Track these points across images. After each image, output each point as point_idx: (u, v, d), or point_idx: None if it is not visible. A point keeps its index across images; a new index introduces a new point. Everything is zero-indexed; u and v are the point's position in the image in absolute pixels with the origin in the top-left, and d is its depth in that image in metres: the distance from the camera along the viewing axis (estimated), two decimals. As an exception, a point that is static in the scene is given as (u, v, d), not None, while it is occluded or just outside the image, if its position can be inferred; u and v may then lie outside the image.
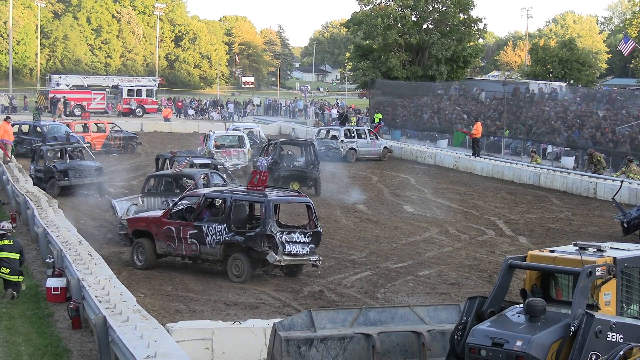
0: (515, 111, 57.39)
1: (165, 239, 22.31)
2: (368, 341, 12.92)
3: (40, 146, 36.89)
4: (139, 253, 22.60)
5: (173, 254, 22.47)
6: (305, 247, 21.43)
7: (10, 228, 19.77)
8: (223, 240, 21.36)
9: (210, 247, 21.57)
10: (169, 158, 31.49)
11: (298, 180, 36.55)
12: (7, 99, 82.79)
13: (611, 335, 10.73)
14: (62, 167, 34.74)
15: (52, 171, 34.50)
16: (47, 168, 34.91)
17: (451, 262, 24.32)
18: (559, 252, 12.00)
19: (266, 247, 20.85)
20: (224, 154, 41.32)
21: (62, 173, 34.36)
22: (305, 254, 21.43)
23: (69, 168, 34.68)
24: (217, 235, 21.43)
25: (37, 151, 36.34)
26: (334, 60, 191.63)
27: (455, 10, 75.97)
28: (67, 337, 15.84)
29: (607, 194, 35.78)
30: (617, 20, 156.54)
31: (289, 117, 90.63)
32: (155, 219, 22.90)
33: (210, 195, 22.53)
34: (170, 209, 22.87)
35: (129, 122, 68.26)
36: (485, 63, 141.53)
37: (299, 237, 21.38)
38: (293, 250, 21.21)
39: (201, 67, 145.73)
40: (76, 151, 36.68)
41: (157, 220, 22.76)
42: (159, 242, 22.42)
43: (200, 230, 21.70)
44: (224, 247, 21.38)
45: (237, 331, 14.30)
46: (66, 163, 35.28)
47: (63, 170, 34.47)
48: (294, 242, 21.27)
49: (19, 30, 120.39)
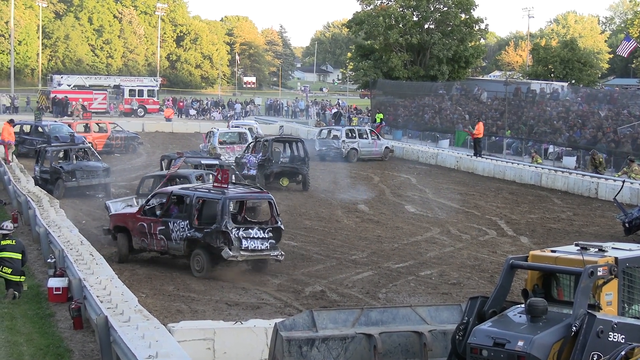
0: (517, 111, 57.39)
1: (139, 234, 23.18)
2: (369, 341, 12.91)
3: (45, 147, 36.25)
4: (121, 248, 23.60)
5: (147, 249, 23.30)
6: (265, 243, 21.86)
7: (12, 228, 19.79)
8: (185, 236, 22.06)
9: (175, 243, 22.33)
10: (175, 159, 30.87)
11: (288, 176, 37.99)
12: (8, 99, 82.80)
13: (613, 336, 10.72)
14: (69, 167, 34.28)
15: (59, 172, 33.94)
16: (54, 169, 34.34)
17: (453, 262, 24.32)
18: (560, 252, 11.99)
19: (221, 243, 21.38)
20: (227, 149, 43.30)
21: (70, 174, 33.84)
22: (264, 249, 21.88)
23: (77, 169, 34.21)
24: (181, 231, 22.16)
25: (42, 152, 35.70)
26: (335, 60, 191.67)
27: (457, 10, 76.03)
28: (68, 337, 15.85)
29: (609, 194, 35.76)
30: (618, 20, 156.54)
31: (290, 117, 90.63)
32: (131, 215, 23.71)
33: (177, 193, 23.17)
34: (143, 206, 23.74)
35: (131, 122, 68.30)
36: (487, 63, 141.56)
37: (258, 232, 21.83)
38: (251, 245, 21.64)
39: (203, 67, 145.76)
40: (81, 152, 36.25)
41: (133, 216, 23.57)
42: (135, 237, 23.30)
43: (167, 226, 22.48)
44: (187, 243, 22.07)
45: (238, 331, 14.31)
46: (73, 164, 34.82)
47: (70, 171, 33.97)
48: (252, 238, 21.70)
49: (21, 31, 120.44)
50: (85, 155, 36.00)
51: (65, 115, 73.09)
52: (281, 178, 37.78)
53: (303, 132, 69.53)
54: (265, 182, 36.26)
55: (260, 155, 37.88)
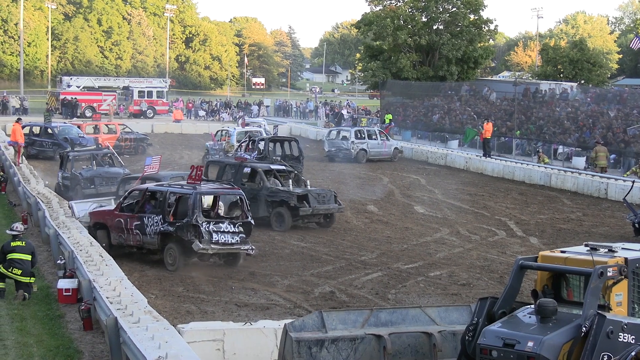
0: (526, 112, 57.34)
1: (116, 230, 23.96)
2: (379, 342, 12.91)
3: (68, 152, 35.38)
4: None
5: (124, 244, 23.94)
6: (235, 237, 22.65)
7: (22, 229, 19.84)
8: (159, 230, 22.83)
9: (150, 237, 23.09)
10: (238, 165, 30.90)
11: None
12: (18, 100, 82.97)
13: (622, 336, 10.71)
14: (88, 174, 33.53)
15: (78, 178, 33.30)
16: (74, 175, 33.66)
17: (462, 262, 24.31)
18: (570, 253, 11.99)
19: (192, 236, 22.12)
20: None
21: (88, 181, 33.20)
22: (234, 243, 22.67)
23: (96, 176, 33.52)
24: (155, 226, 22.95)
25: (65, 157, 34.78)
26: (344, 61, 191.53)
27: (466, 11, 75.90)
28: (78, 339, 15.88)
29: (618, 195, 35.70)
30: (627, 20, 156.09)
31: (299, 118, 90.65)
32: (109, 212, 24.50)
33: (151, 189, 24.00)
34: (120, 203, 24.49)
35: (140, 124, 68.40)
36: (496, 63, 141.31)
37: (228, 227, 22.62)
38: (221, 239, 22.40)
39: (212, 69, 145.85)
40: (105, 157, 35.34)
41: (111, 213, 24.35)
42: (113, 233, 24.07)
43: (142, 221, 23.27)
44: (160, 237, 22.82)
45: (248, 332, 14.31)
46: (93, 170, 33.99)
47: (89, 178, 33.31)
48: (222, 232, 22.47)
49: (30, 32, 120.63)
50: (110, 161, 35.11)
51: (74, 116, 73.23)
52: None
53: (312, 133, 69.57)
54: None
55: (255, 153, 38.67)
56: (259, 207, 28.82)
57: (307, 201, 28.71)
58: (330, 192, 29.93)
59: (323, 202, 29.14)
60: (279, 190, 29.14)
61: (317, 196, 29.12)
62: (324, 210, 29.19)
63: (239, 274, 22.24)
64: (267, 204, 29.02)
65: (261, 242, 25.85)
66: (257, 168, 30.35)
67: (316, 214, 29.03)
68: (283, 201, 28.79)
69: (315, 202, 28.89)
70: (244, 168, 30.64)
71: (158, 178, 27.99)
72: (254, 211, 27.66)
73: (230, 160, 32.35)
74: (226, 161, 32.15)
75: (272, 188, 29.32)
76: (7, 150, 43.24)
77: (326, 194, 29.65)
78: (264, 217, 28.83)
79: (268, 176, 29.93)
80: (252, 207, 27.66)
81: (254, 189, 29.39)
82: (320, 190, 30.03)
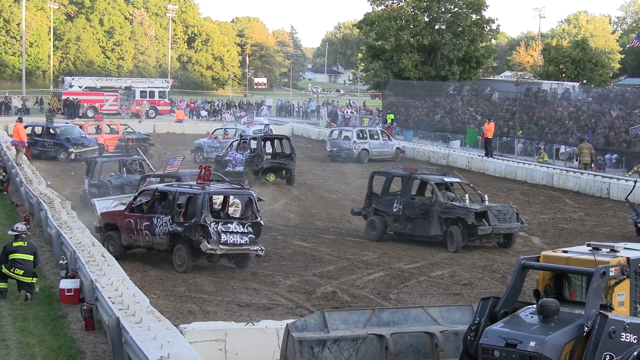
0: (528, 111, 57.34)
1: (126, 231, 23.70)
2: (381, 342, 12.92)
3: (96, 158, 33.20)
4: (109, 245, 23.74)
5: (134, 245, 23.76)
6: (244, 237, 22.37)
7: (24, 229, 19.83)
8: (168, 230, 22.60)
9: (159, 238, 22.85)
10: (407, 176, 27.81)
11: (275, 171, 39.65)
12: (20, 100, 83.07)
13: (625, 336, 10.71)
14: (117, 182, 31.32)
15: (107, 186, 31.05)
16: (102, 183, 31.40)
17: (464, 262, 24.30)
18: (572, 253, 11.99)
19: (200, 237, 21.89)
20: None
21: (118, 189, 30.75)
22: (243, 244, 22.40)
23: (126, 184, 31.07)
24: (164, 226, 22.70)
25: (92, 163, 32.41)
26: (346, 61, 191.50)
27: (468, 11, 75.90)
28: (80, 339, 15.88)
29: (621, 194, 35.69)
30: (630, 20, 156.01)
31: (301, 118, 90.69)
32: (119, 213, 24.30)
33: (161, 189, 23.71)
34: (131, 203, 24.20)
35: (142, 124, 68.40)
36: (498, 63, 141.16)
37: (237, 227, 22.35)
38: (230, 239, 22.15)
39: (214, 69, 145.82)
40: (135, 164, 33.19)
41: (121, 214, 24.13)
42: (123, 234, 23.81)
43: (152, 221, 23.01)
44: (169, 238, 22.60)
45: (250, 332, 14.31)
46: (123, 177, 31.90)
47: (119, 186, 30.93)
48: (231, 232, 22.21)
49: (32, 32, 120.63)
50: (140, 168, 32.77)
51: (76, 117, 73.28)
52: (268, 173, 39.41)
53: (314, 133, 69.56)
54: (254, 177, 38.16)
55: (247, 152, 39.22)
56: (430, 225, 26.28)
57: (487, 219, 25.56)
58: (512, 209, 26.60)
59: (504, 220, 25.91)
60: (454, 206, 25.98)
61: (498, 213, 25.94)
62: (505, 230, 25.96)
63: (241, 274, 22.24)
64: (440, 222, 26.04)
65: (263, 242, 25.73)
66: (429, 180, 27.56)
67: (496, 233, 25.89)
68: (459, 218, 25.64)
69: (496, 220, 25.65)
70: (413, 180, 27.71)
71: (178, 176, 27.62)
72: (425, 229, 26.46)
73: (398, 170, 29.22)
74: (393, 172, 29.02)
75: (446, 203, 26.21)
76: (9, 150, 43.25)
77: (507, 210, 26.38)
78: (435, 236, 26.35)
79: (440, 189, 26.97)
80: (422, 224, 26.40)
81: (425, 204, 26.75)
82: (501, 207, 26.75)
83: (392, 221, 27.35)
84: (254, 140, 40.46)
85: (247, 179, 36.67)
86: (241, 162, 38.78)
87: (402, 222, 27.09)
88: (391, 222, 27.43)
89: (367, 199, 28.41)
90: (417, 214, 26.68)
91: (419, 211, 26.38)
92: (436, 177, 28.14)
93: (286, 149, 40.50)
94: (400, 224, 27.18)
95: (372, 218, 27.89)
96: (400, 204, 27.14)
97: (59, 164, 45.62)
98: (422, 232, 26.47)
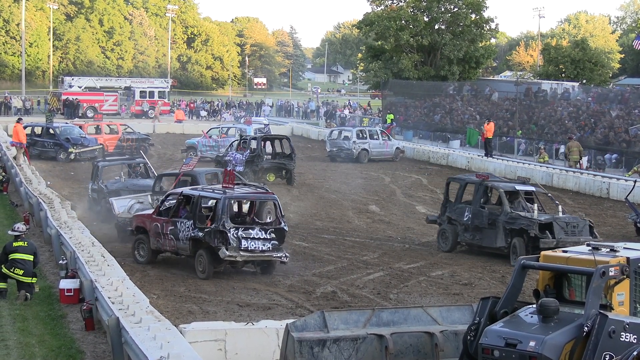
0: (528, 111, 57.34)
1: (154, 235, 23.06)
2: (381, 342, 12.91)
3: (98, 162, 31.87)
4: (139, 249, 23.45)
5: (161, 249, 23.15)
6: (267, 244, 21.60)
7: (24, 230, 19.84)
8: (190, 236, 21.93)
9: (182, 243, 22.20)
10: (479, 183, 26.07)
11: (275, 171, 39.82)
12: (20, 100, 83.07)
13: (625, 336, 10.71)
14: (114, 187, 29.91)
15: (103, 192, 29.61)
16: (100, 188, 29.97)
17: (464, 262, 24.30)
18: (572, 253, 11.99)
19: (219, 243, 21.21)
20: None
21: (113, 193, 29.15)
22: (266, 250, 21.63)
23: (122, 188, 29.74)
24: (187, 231, 22.03)
25: (95, 168, 31.18)
26: (345, 61, 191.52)
27: (467, 11, 75.89)
28: (80, 339, 15.88)
29: (620, 194, 35.69)
30: (629, 20, 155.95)
31: (301, 118, 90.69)
32: (148, 216, 23.70)
33: (185, 193, 23.05)
34: (159, 207, 23.66)
35: (141, 124, 68.39)
36: (498, 63, 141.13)
37: (259, 233, 21.58)
38: (251, 246, 21.39)
39: (213, 69, 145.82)
40: (138, 167, 31.84)
41: (149, 217, 23.55)
42: (151, 238, 23.18)
43: (176, 226, 22.38)
44: (192, 243, 21.91)
45: (250, 332, 14.31)
46: (120, 182, 30.47)
47: (115, 191, 29.45)
48: (252, 239, 21.45)
49: (32, 33, 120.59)
50: (144, 171, 31.40)
51: (76, 117, 73.28)
52: (268, 173, 39.45)
53: (314, 133, 69.57)
54: (254, 177, 37.77)
55: (247, 152, 39.30)
56: (497, 236, 24.64)
57: (552, 231, 23.68)
58: (584, 222, 24.47)
59: (572, 234, 23.82)
60: (519, 216, 24.21)
61: (566, 225, 23.93)
62: (572, 244, 21.32)
63: (241, 274, 22.22)
64: (505, 232, 24.37)
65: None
66: (498, 187, 25.60)
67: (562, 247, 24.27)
68: (522, 230, 23.91)
69: (562, 232, 23.73)
70: (484, 187, 25.92)
71: (193, 174, 27.29)
72: (491, 240, 24.76)
73: (471, 177, 27.62)
74: (466, 178, 27.50)
75: (511, 213, 24.44)
76: (9, 150, 43.26)
77: (578, 223, 24.29)
78: (501, 248, 24.71)
79: (510, 198, 25.27)
80: (490, 235, 24.70)
81: (492, 213, 24.99)
82: (571, 219, 24.66)
83: (462, 231, 25.69)
84: (254, 140, 40.54)
85: (247, 179, 36.66)
86: (241, 162, 38.76)
87: (471, 232, 25.38)
88: (462, 232, 25.72)
89: (443, 207, 26.77)
90: (484, 223, 24.96)
91: (486, 221, 24.80)
92: (507, 185, 26.04)
93: (286, 149, 40.49)
94: (470, 234, 25.40)
95: (443, 227, 26.29)
96: (470, 212, 25.48)
97: (58, 164, 45.60)
98: (489, 244, 24.92)
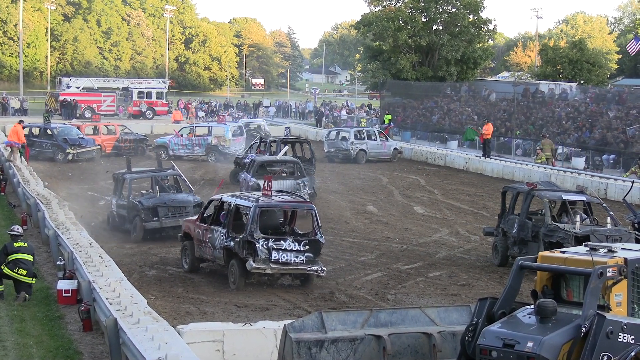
0: (526, 112, 57.34)
1: (197, 242, 22.23)
2: (379, 343, 12.90)
3: (124, 174, 28.50)
4: (185, 255, 22.76)
5: (204, 257, 22.22)
6: (300, 256, 20.48)
7: (21, 232, 19.87)
8: (223, 244, 21.03)
9: (218, 252, 21.37)
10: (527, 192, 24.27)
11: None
12: (17, 101, 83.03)
13: (622, 336, 10.70)
14: (149, 203, 26.82)
15: (137, 208, 26.75)
16: (131, 204, 27.10)
17: (462, 263, 24.31)
18: (569, 253, 11.99)
19: (247, 254, 20.27)
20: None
21: (150, 211, 26.67)
22: (299, 263, 20.52)
23: (159, 204, 26.78)
24: (221, 240, 21.13)
25: (119, 180, 28.47)
26: (343, 61, 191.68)
27: (465, 11, 75.90)
28: (78, 339, 15.87)
29: (618, 195, 35.68)
30: (627, 20, 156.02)
31: (299, 119, 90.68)
32: (192, 222, 22.95)
33: (224, 200, 22.17)
34: (202, 213, 22.91)
35: (139, 125, 68.32)
36: (495, 64, 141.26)
37: (291, 244, 20.45)
38: (282, 258, 20.31)
39: (211, 69, 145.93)
40: (167, 180, 28.90)
41: (193, 223, 22.82)
42: (195, 245, 22.34)
43: (213, 233, 21.52)
44: (225, 252, 21.01)
45: (247, 333, 14.31)
46: (156, 197, 27.25)
47: (151, 208, 26.71)
48: (284, 250, 20.35)
49: (29, 33, 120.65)
50: (176, 185, 28.57)
51: (73, 117, 73.26)
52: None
53: (312, 133, 69.57)
54: None
55: (267, 155, 38.25)
56: (538, 250, 21.27)
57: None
58: (629, 235, 22.82)
59: None
60: (557, 228, 22.74)
61: (605, 239, 21.88)
62: None
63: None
64: (545, 246, 22.50)
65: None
66: (542, 197, 23.89)
67: None
68: (559, 243, 22.06)
69: None
70: (532, 196, 24.09)
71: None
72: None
73: (522, 186, 25.67)
74: (518, 187, 25.59)
75: (550, 225, 22.95)
76: (7, 151, 43.22)
77: (621, 236, 22.50)
78: None
79: (562, 208, 24.09)
80: (533, 248, 22.42)
81: (535, 225, 23.49)
82: (613, 231, 22.78)
83: (511, 244, 24.05)
84: (273, 142, 39.93)
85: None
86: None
87: (518, 245, 23.81)
88: (511, 245, 24.07)
89: (499, 218, 25.31)
90: (529, 236, 23.50)
91: (530, 233, 23.38)
92: (554, 195, 24.38)
93: (306, 153, 39.59)
94: (517, 247, 23.76)
95: (495, 240, 24.94)
96: (517, 223, 23.94)
97: (56, 164, 45.57)
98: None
